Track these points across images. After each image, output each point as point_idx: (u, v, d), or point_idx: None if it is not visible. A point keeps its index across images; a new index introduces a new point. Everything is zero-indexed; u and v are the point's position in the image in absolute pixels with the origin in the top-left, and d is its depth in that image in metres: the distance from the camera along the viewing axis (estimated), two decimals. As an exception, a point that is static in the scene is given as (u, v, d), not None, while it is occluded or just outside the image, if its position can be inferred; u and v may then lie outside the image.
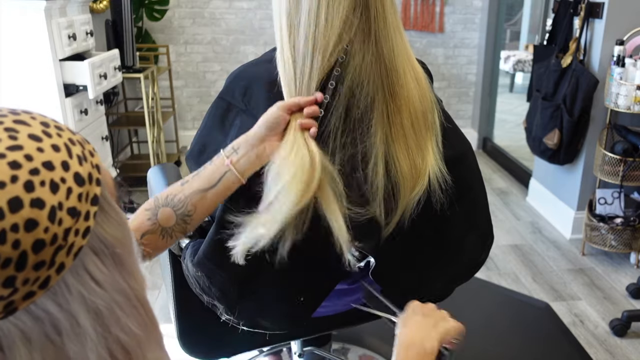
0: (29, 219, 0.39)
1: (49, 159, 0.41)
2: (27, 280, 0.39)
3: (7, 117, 0.42)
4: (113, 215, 0.47)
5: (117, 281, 0.46)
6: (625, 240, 2.48)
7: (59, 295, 0.42)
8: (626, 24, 2.42)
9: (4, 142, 0.40)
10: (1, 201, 0.38)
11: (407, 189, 0.93)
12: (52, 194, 0.40)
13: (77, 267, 0.43)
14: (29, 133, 0.42)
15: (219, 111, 1.04)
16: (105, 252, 0.45)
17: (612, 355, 1.94)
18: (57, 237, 0.40)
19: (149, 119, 3.07)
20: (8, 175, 0.39)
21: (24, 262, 0.39)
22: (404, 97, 0.92)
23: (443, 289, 1.19)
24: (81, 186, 0.43)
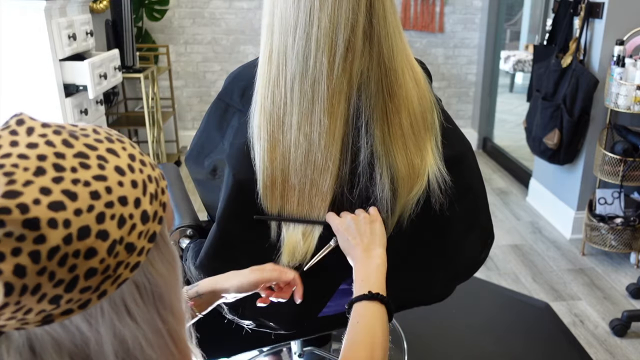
0: (90, 247, 0.41)
1: (125, 195, 0.44)
2: (70, 300, 0.42)
3: (102, 143, 0.45)
4: (165, 252, 0.49)
5: (151, 316, 0.48)
6: (625, 240, 2.48)
7: (93, 316, 0.45)
8: (626, 24, 2.42)
9: (93, 170, 0.43)
10: (73, 227, 0.40)
11: (405, 189, 0.93)
12: (117, 229, 0.43)
13: (116, 296, 0.45)
14: (116, 165, 0.44)
15: (217, 112, 1.04)
16: (147, 287, 0.47)
17: (612, 355, 1.94)
18: (109, 268, 0.43)
19: (149, 119, 3.07)
20: (87, 204, 0.41)
21: (74, 285, 0.41)
22: (402, 97, 0.92)
23: (443, 289, 1.19)
24: (145, 224, 0.45)
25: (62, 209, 0.40)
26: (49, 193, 0.40)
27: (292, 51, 0.87)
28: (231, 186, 0.95)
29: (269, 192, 0.93)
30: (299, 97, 0.88)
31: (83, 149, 0.43)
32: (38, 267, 0.39)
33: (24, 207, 0.39)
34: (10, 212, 0.38)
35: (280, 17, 0.87)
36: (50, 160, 0.41)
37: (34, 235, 0.39)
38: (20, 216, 0.39)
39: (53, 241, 0.39)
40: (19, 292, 0.39)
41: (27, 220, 0.39)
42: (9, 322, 0.41)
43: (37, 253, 0.39)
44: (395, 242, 0.97)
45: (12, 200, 0.39)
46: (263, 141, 0.91)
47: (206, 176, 1.07)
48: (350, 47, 0.86)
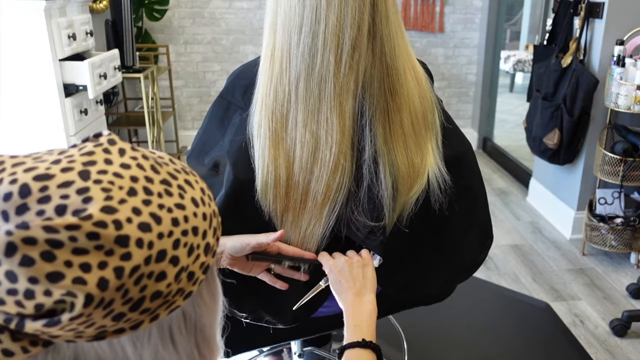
0: (163, 271, 0.43)
1: (197, 225, 0.46)
2: (129, 319, 0.43)
3: (180, 173, 0.48)
4: (212, 285, 0.51)
5: (191, 347, 0.49)
6: (625, 240, 2.48)
7: (139, 339, 0.46)
8: (626, 24, 2.42)
9: (175, 198, 0.45)
10: (154, 250, 0.42)
11: (404, 188, 0.93)
12: (187, 257, 0.45)
13: (164, 323, 0.47)
14: (192, 197, 0.47)
15: (219, 110, 1.04)
16: (192, 318, 0.49)
17: (612, 355, 1.94)
18: (171, 293, 0.45)
19: (149, 119, 3.07)
20: (168, 229, 0.44)
21: (139, 305, 0.43)
22: (403, 96, 0.92)
23: (443, 289, 1.19)
24: (206, 256, 0.47)
25: (148, 230, 0.42)
26: (140, 214, 0.42)
27: (297, 49, 0.87)
28: (231, 183, 0.95)
29: (269, 191, 0.93)
30: (305, 95, 0.88)
31: (167, 177, 0.46)
32: (119, 282, 0.41)
33: (118, 224, 0.41)
34: (107, 226, 0.40)
35: (284, 15, 0.87)
36: (141, 183, 0.44)
37: (122, 252, 0.41)
38: (114, 232, 0.41)
39: (136, 260, 0.41)
40: (95, 304, 0.40)
41: (119, 236, 0.41)
42: (68, 333, 0.42)
43: (121, 269, 0.41)
44: (395, 242, 0.97)
45: (110, 215, 0.41)
46: (264, 138, 0.91)
47: (208, 173, 1.07)
48: (356, 45, 0.86)
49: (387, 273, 1.02)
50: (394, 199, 0.93)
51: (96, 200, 0.41)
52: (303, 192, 0.92)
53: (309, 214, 0.94)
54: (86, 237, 0.40)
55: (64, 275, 0.39)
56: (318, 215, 0.94)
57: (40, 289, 0.39)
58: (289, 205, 0.94)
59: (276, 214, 0.95)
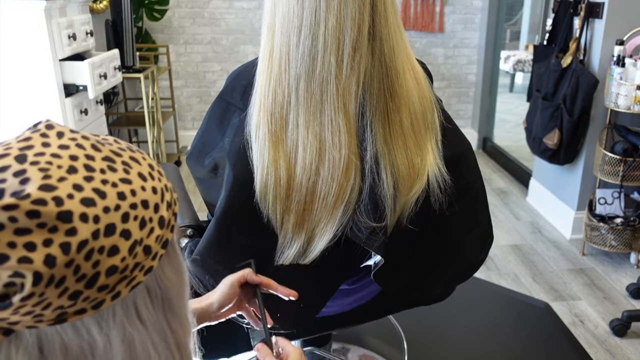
0: (114, 245, 0.43)
1: (147, 199, 0.46)
2: (87, 298, 0.43)
3: (125, 151, 0.48)
4: (174, 261, 0.51)
5: (160, 322, 0.49)
6: (625, 240, 2.48)
7: (104, 319, 0.46)
8: (626, 24, 2.42)
9: (119, 173, 0.45)
10: (101, 224, 0.42)
11: (404, 188, 0.93)
12: (139, 230, 0.45)
13: (128, 300, 0.46)
14: (139, 171, 0.47)
15: (218, 111, 1.04)
16: (158, 292, 0.49)
17: (612, 355, 1.94)
18: (127, 268, 0.44)
19: (149, 119, 3.07)
20: (114, 203, 0.44)
21: (94, 281, 0.43)
22: (403, 96, 0.92)
23: (443, 289, 1.19)
24: (161, 229, 0.47)
25: (92, 205, 0.42)
26: (81, 190, 0.42)
27: (296, 51, 0.87)
28: (231, 184, 0.95)
29: (269, 192, 0.93)
30: (305, 97, 0.88)
31: (109, 154, 0.46)
32: (67, 258, 0.41)
33: (58, 200, 0.41)
34: (46, 203, 0.40)
35: (282, 17, 0.87)
36: (81, 161, 0.44)
37: (67, 228, 0.41)
38: (55, 208, 0.41)
39: (83, 235, 0.41)
40: (45, 282, 0.40)
41: (61, 212, 0.41)
42: (25, 317, 0.42)
43: (67, 245, 0.41)
44: (395, 242, 0.97)
45: (48, 193, 0.41)
46: (262, 140, 0.91)
47: (207, 174, 1.07)
48: (357, 46, 0.86)
49: (387, 273, 1.02)
50: (395, 199, 0.93)
51: (34, 180, 0.41)
52: (308, 193, 0.92)
53: (317, 216, 0.93)
54: (26, 216, 0.40)
55: (9, 257, 0.39)
56: (329, 216, 0.93)
57: None
58: (290, 207, 0.93)
59: (275, 215, 0.94)
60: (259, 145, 0.92)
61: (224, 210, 0.96)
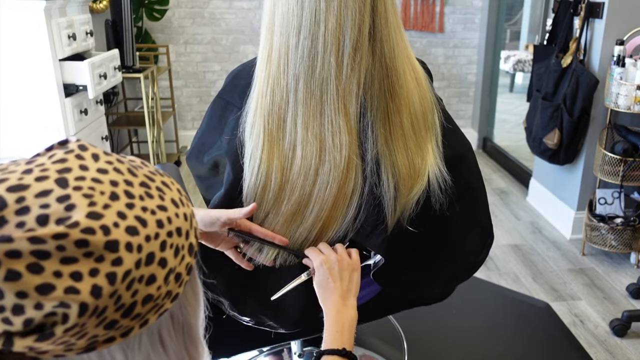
0: (152, 274, 0.43)
1: (180, 226, 0.46)
2: (120, 326, 0.42)
3: (156, 175, 0.47)
4: (194, 285, 0.50)
5: (180, 349, 0.49)
6: (625, 240, 2.48)
7: (130, 347, 0.45)
8: (626, 24, 2.42)
9: (155, 200, 0.45)
10: (143, 254, 0.42)
11: (405, 189, 0.93)
12: (173, 258, 0.45)
13: (154, 327, 0.46)
14: (172, 198, 0.47)
15: (217, 109, 1.04)
16: (180, 319, 0.48)
17: (612, 355, 1.94)
18: (160, 296, 0.44)
19: (149, 119, 3.07)
20: (154, 232, 0.43)
21: (131, 310, 0.42)
22: (403, 97, 0.92)
23: (443, 289, 1.19)
24: (190, 256, 0.47)
25: (136, 234, 0.42)
26: (125, 218, 0.42)
27: (295, 51, 0.86)
28: (231, 182, 0.95)
29: (258, 191, 0.92)
30: (305, 97, 0.87)
31: (145, 179, 0.46)
32: (112, 289, 0.40)
33: (106, 229, 0.40)
34: (95, 232, 0.39)
35: (281, 17, 0.87)
36: (121, 187, 0.43)
37: (113, 258, 0.40)
38: (103, 237, 0.40)
39: (128, 264, 0.41)
40: (90, 313, 0.39)
41: (109, 242, 0.40)
42: (58, 347, 0.40)
43: (113, 275, 0.40)
44: (395, 242, 0.96)
45: (96, 221, 0.40)
46: (257, 139, 0.91)
47: (207, 173, 1.07)
48: (358, 47, 0.86)
49: (388, 273, 1.02)
50: (395, 200, 0.93)
51: (80, 206, 0.40)
52: (304, 194, 0.92)
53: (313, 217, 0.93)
54: (75, 245, 0.38)
55: (55, 287, 0.38)
56: (330, 217, 0.93)
57: (29, 303, 0.38)
58: (279, 208, 0.93)
59: (258, 215, 0.94)
60: (252, 144, 0.91)
61: (222, 207, 0.96)
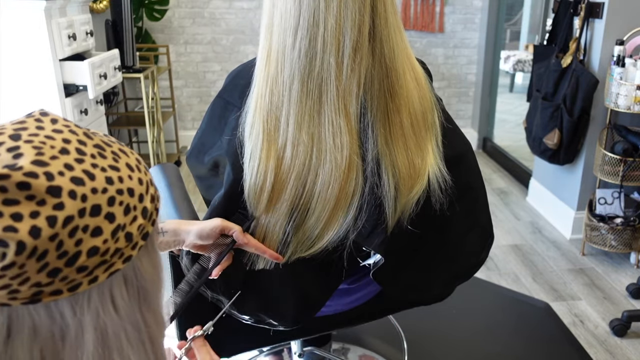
0: (98, 226, 0.44)
1: (133, 187, 0.48)
2: (65, 277, 0.43)
3: (115, 143, 0.50)
4: (152, 255, 0.52)
5: (134, 313, 0.49)
6: (625, 240, 2.48)
7: (79, 304, 0.46)
8: (626, 24, 2.42)
9: (108, 160, 0.47)
10: (88, 203, 0.44)
11: (405, 189, 0.93)
12: (123, 215, 0.46)
13: (104, 286, 0.47)
14: (127, 162, 0.49)
15: (217, 110, 1.05)
16: (134, 283, 0.49)
17: (612, 355, 1.94)
18: (108, 252, 0.45)
19: (149, 119, 3.07)
20: (102, 186, 0.45)
21: (75, 260, 0.43)
22: (403, 97, 0.92)
23: (443, 289, 1.19)
24: (144, 219, 0.48)
25: (81, 184, 0.44)
26: (72, 169, 0.44)
27: (292, 51, 0.86)
28: (231, 183, 0.95)
29: (257, 191, 0.93)
30: (300, 97, 0.88)
31: (100, 142, 0.48)
32: (52, 231, 0.41)
33: (49, 175, 0.42)
34: (37, 177, 0.41)
35: (280, 17, 0.87)
36: (73, 145, 0.46)
37: (55, 202, 0.42)
38: (45, 182, 0.42)
39: (70, 210, 0.42)
40: (28, 253, 0.40)
41: (51, 187, 0.42)
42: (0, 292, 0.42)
43: (54, 218, 0.41)
44: (395, 242, 0.97)
45: (40, 167, 0.42)
46: (256, 139, 0.91)
47: (207, 173, 1.07)
48: (358, 47, 0.86)
49: (388, 273, 1.02)
50: (396, 200, 0.93)
51: (27, 155, 0.42)
52: (300, 194, 0.92)
53: (315, 217, 0.93)
54: (16, 187, 0.40)
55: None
56: (331, 217, 0.93)
57: None
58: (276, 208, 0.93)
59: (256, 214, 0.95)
60: (251, 144, 0.92)
61: (222, 207, 0.96)
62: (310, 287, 1.04)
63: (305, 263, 0.98)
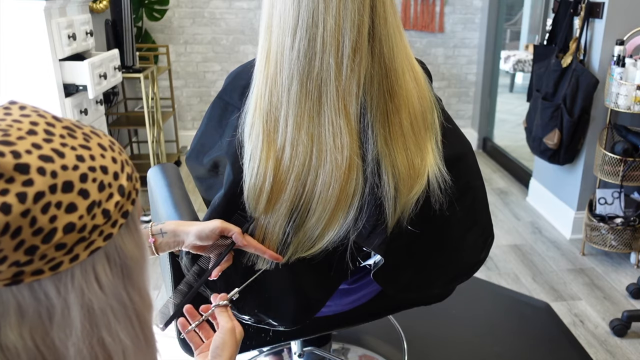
0: (72, 202, 0.44)
1: (106, 165, 0.48)
2: (44, 256, 0.43)
3: (86, 127, 0.50)
4: (135, 235, 0.51)
5: (119, 290, 0.49)
6: (625, 240, 2.48)
7: (62, 283, 0.46)
8: (626, 24, 2.42)
9: (79, 140, 0.47)
10: (59, 179, 0.43)
11: (405, 189, 0.93)
12: (97, 192, 0.46)
13: (87, 264, 0.47)
14: (99, 142, 0.49)
15: (217, 110, 1.04)
16: (117, 261, 0.49)
17: (612, 355, 1.94)
18: (85, 228, 0.45)
19: (149, 119, 3.07)
20: (73, 163, 0.45)
21: (51, 237, 0.43)
22: (402, 97, 0.92)
23: (443, 289, 1.19)
24: (121, 197, 0.48)
25: (50, 161, 0.44)
26: (40, 148, 0.44)
27: (290, 52, 0.86)
28: (231, 183, 0.95)
29: (256, 192, 0.93)
30: (299, 97, 0.87)
31: (70, 125, 0.48)
32: (23, 207, 0.41)
33: (16, 154, 0.42)
34: (4, 155, 0.42)
35: (279, 18, 0.87)
36: (41, 126, 0.46)
37: (23, 179, 0.42)
38: (12, 160, 0.42)
39: (39, 186, 0.42)
40: (1, 231, 0.40)
41: (19, 164, 0.42)
42: None
43: (24, 194, 0.41)
44: (395, 242, 0.97)
45: (6, 147, 0.42)
46: (255, 140, 0.91)
47: (207, 173, 1.07)
48: (357, 48, 0.86)
49: (388, 273, 1.02)
50: (396, 200, 0.93)
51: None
52: (300, 194, 0.92)
53: (315, 217, 0.93)
54: None
55: None
56: (331, 217, 0.93)
57: None
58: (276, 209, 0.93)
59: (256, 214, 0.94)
60: (251, 145, 0.91)
61: (222, 208, 0.96)
62: (310, 287, 1.04)
63: (305, 263, 0.98)
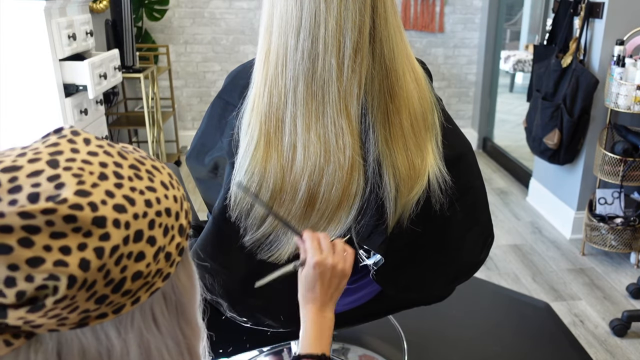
0: (141, 251, 0.45)
1: (169, 207, 0.48)
2: (111, 302, 0.44)
3: (147, 160, 0.50)
4: (187, 267, 0.52)
5: (174, 328, 0.51)
6: (625, 240, 2.47)
7: (122, 324, 0.47)
8: (626, 24, 2.42)
9: (145, 181, 0.47)
10: (131, 230, 0.44)
11: (405, 189, 0.93)
12: (162, 237, 0.47)
13: (146, 306, 0.48)
14: (161, 180, 0.49)
15: (217, 110, 1.04)
16: (173, 299, 0.50)
17: (612, 355, 1.94)
18: (150, 274, 0.46)
19: (149, 119, 3.07)
20: (142, 210, 0.45)
21: (120, 286, 0.44)
22: (403, 97, 0.92)
23: (443, 289, 1.19)
24: (180, 237, 0.49)
25: (124, 211, 0.44)
26: (113, 196, 0.44)
27: (294, 52, 0.86)
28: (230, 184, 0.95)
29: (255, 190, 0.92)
30: (305, 98, 0.87)
31: (134, 162, 0.48)
32: (100, 263, 0.42)
33: (93, 206, 0.42)
34: (82, 209, 0.41)
35: (280, 18, 0.87)
36: (110, 168, 0.46)
37: (101, 233, 0.42)
38: (90, 213, 0.42)
39: (115, 240, 0.43)
40: (79, 286, 0.41)
41: (96, 217, 0.42)
42: (50, 320, 0.42)
43: (101, 250, 0.42)
44: (396, 242, 0.97)
45: (84, 198, 0.42)
46: (251, 139, 0.91)
47: (207, 174, 1.07)
48: (358, 48, 0.86)
49: (388, 273, 1.02)
50: (396, 200, 0.93)
51: (69, 185, 0.42)
52: (307, 196, 0.91)
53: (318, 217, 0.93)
54: (63, 220, 0.40)
55: (44, 260, 0.40)
56: (333, 217, 0.93)
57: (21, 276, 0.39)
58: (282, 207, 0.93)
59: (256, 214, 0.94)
60: (247, 144, 0.91)
61: (221, 208, 0.96)
62: None
63: None
